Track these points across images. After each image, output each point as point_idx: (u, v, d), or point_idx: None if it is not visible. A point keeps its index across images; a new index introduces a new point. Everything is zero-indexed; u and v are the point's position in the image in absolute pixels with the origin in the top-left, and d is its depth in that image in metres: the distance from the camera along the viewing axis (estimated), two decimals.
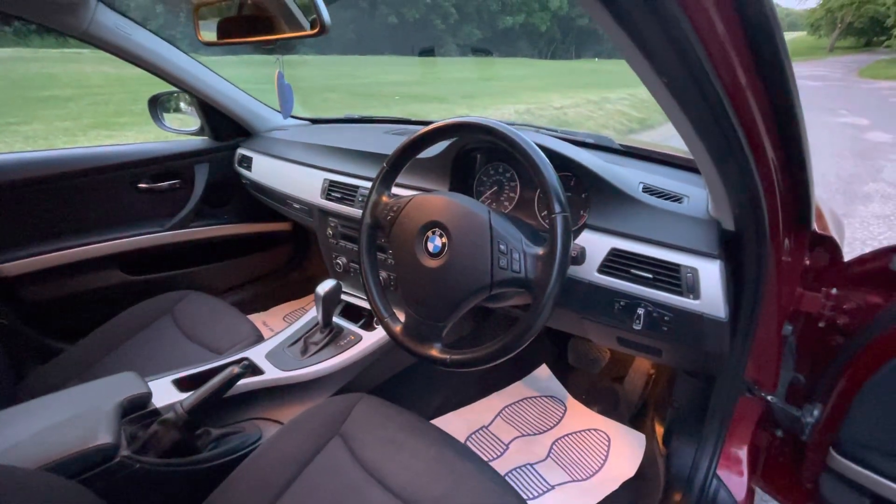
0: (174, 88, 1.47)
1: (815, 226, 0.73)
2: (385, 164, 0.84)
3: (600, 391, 1.41)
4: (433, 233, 0.74)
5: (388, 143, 1.26)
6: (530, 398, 1.41)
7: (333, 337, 1.14)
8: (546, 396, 1.41)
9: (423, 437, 0.83)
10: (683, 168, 0.97)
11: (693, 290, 0.71)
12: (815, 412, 0.79)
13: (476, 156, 1.02)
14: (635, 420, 1.29)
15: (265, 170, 1.49)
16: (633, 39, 0.39)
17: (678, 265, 0.73)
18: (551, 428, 1.30)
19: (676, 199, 0.82)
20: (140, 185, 1.49)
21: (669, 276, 0.74)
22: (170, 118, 1.64)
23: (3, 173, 1.26)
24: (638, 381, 1.36)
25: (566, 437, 1.27)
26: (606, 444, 1.24)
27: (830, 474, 0.82)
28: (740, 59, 0.41)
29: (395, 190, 0.88)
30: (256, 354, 1.08)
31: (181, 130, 1.65)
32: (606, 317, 0.80)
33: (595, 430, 1.29)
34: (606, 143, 1.12)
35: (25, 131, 5.56)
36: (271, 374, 1.03)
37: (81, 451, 0.68)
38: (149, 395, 0.83)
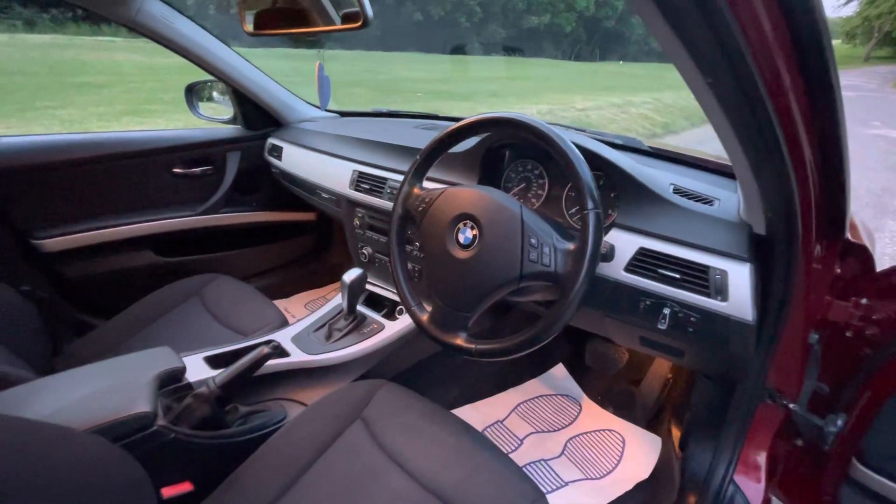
0: (207, 77, 1.52)
1: (848, 234, 0.72)
2: (419, 157, 0.86)
3: (617, 393, 1.41)
4: (464, 224, 0.75)
5: (418, 137, 1.28)
6: (546, 396, 1.42)
7: (357, 324, 1.17)
8: (561, 395, 1.42)
9: (443, 424, 0.85)
10: (713, 171, 0.97)
11: (721, 292, 0.72)
12: (839, 422, 0.79)
13: (505, 152, 1.04)
14: (651, 423, 1.29)
15: (295, 159, 1.53)
16: (680, 38, 0.40)
17: (707, 267, 0.73)
18: (566, 426, 1.31)
19: (707, 201, 0.82)
20: (175, 170, 1.54)
21: (698, 278, 0.74)
22: (204, 107, 1.69)
23: (47, 153, 1.32)
24: (655, 385, 1.36)
25: (581, 436, 1.28)
26: (621, 444, 1.25)
27: (852, 485, 0.82)
28: (785, 60, 0.42)
29: (424, 183, 0.90)
30: (283, 337, 1.11)
31: (215, 119, 1.70)
32: (631, 315, 0.81)
33: (610, 430, 1.29)
34: (635, 145, 1.12)
35: (62, 115, 5.76)
36: (297, 356, 1.06)
37: (122, 417, 0.72)
38: (183, 370, 0.87)
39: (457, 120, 0.83)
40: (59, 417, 0.69)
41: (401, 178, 1.16)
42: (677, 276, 0.75)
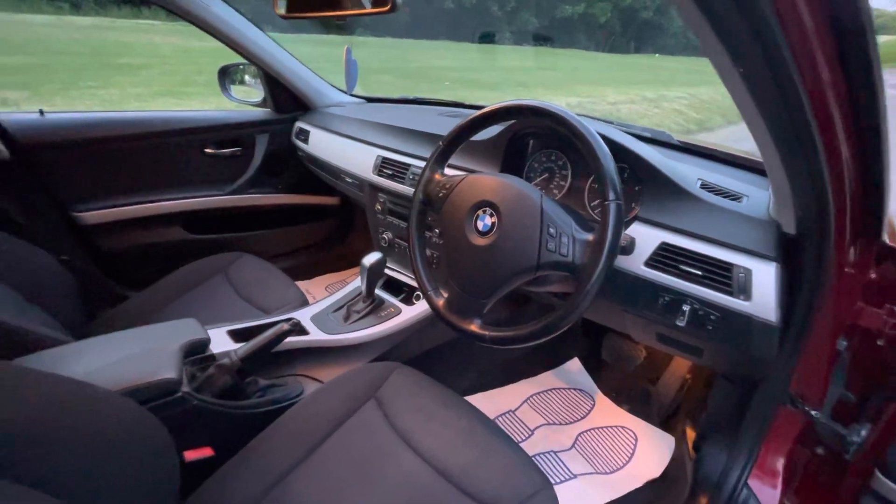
0: (241, 60, 1.55)
1: (885, 237, 0.69)
2: (441, 143, 0.86)
3: (632, 390, 1.40)
4: (483, 212, 0.76)
5: (442, 124, 1.28)
6: (559, 389, 1.41)
7: (375, 307, 1.19)
8: (575, 389, 1.42)
9: (455, 409, 0.86)
10: (744, 167, 0.94)
11: (745, 290, 0.70)
12: (863, 432, 0.76)
13: (529, 141, 1.03)
14: (666, 423, 1.28)
15: (321, 143, 1.55)
16: (711, 23, 0.39)
17: (731, 264, 0.71)
18: (578, 420, 1.31)
19: (735, 197, 0.80)
20: (206, 150, 1.59)
21: (720, 275, 0.72)
22: (235, 89, 1.73)
23: (88, 129, 1.39)
24: (672, 384, 1.33)
25: (592, 431, 1.27)
26: (633, 442, 1.24)
27: (873, 497, 0.79)
28: (824, 52, 0.40)
29: (446, 171, 0.90)
30: (303, 316, 1.14)
31: (245, 101, 1.74)
32: (649, 311, 0.80)
33: (623, 427, 1.28)
34: (664, 138, 1.09)
35: (102, 95, 6.00)
36: (315, 335, 1.09)
37: (150, 382, 0.75)
38: (208, 341, 0.91)
39: (481, 108, 0.83)
40: (92, 378, 0.72)
41: (423, 164, 1.17)
42: (699, 272, 0.74)
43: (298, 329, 1.09)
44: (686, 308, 0.74)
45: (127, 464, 0.63)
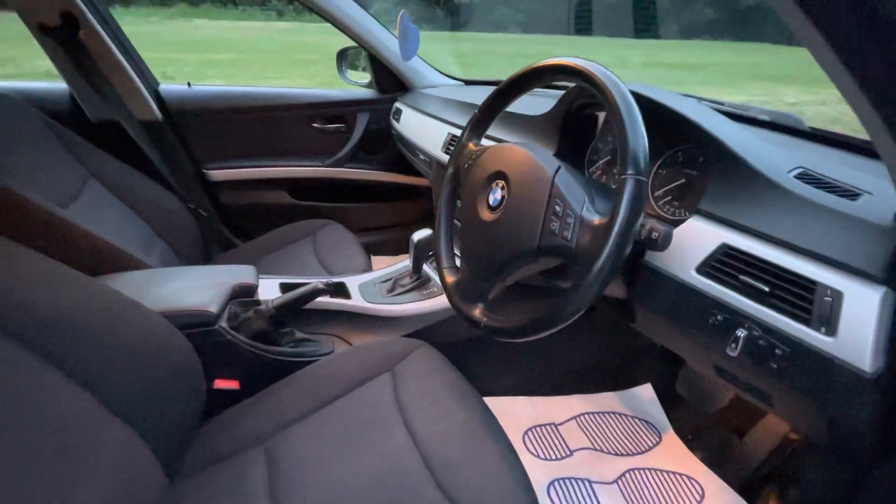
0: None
1: None
2: (477, 112, 0.80)
3: (711, 437, 1.13)
4: (496, 184, 0.68)
5: (531, 104, 1.19)
6: (620, 414, 1.22)
7: (420, 284, 1.17)
8: (640, 419, 1.21)
9: (462, 400, 0.81)
10: None
11: (828, 321, 0.49)
12: None
13: (598, 116, 0.89)
14: (746, 489, 1.01)
15: (408, 122, 1.58)
16: None
17: (814, 282, 0.51)
18: (633, 454, 1.11)
19: (850, 194, 0.57)
20: (314, 125, 1.75)
21: (796, 295, 0.52)
22: (352, 72, 1.87)
23: (221, 101, 1.64)
24: (765, 442, 1.04)
25: (647, 471, 1.07)
26: (697, 498, 1.00)
27: None
28: None
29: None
30: (352, 282, 1.19)
31: (356, 82, 1.87)
32: (696, 331, 0.62)
33: (689, 477, 1.05)
34: (789, 123, 0.85)
35: (275, 84, 7.15)
36: (356, 301, 1.12)
37: (189, 310, 0.86)
38: (254, 287, 1.00)
39: None
40: (143, 296, 0.84)
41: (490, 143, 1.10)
42: (766, 287, 0.54)
43: (337, 292, 1.13)
44: (741, 334, 0.55)
45: (154, 374, 0.72)
